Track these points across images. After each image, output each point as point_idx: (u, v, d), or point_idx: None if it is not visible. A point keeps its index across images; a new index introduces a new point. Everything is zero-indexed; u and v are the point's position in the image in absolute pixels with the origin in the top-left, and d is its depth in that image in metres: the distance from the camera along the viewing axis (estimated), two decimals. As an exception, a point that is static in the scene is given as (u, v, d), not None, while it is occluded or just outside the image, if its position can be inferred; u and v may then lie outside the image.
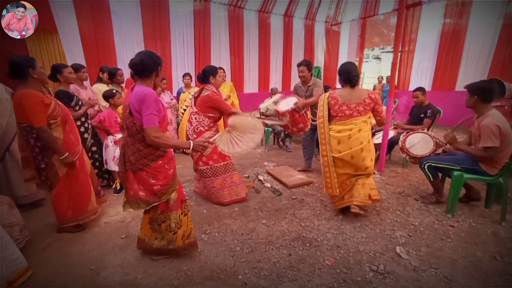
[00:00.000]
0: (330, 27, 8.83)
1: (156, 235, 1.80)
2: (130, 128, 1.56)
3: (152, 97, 1.48)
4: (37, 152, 2.00)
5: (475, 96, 2.20)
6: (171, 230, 1.74)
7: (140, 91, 1.49)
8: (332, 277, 1.70)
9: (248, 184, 3.12)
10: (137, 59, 1.52)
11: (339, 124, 2.22)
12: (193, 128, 2.56)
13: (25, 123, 1.93)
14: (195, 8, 5.98)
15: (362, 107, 2.16)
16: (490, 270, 1.74)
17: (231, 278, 1.70)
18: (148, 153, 1.58)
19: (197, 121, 2.55)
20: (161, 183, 1.63)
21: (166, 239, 1.77)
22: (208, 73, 2.55)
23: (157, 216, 1.73)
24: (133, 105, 1.51)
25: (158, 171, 1.62)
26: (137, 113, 1.51)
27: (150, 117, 1.47)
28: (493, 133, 2.08)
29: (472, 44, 5.96)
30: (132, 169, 1.61)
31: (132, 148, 1.58)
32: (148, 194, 1.62)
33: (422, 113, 3.53)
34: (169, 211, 1.72)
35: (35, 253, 1.95)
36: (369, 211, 2.52)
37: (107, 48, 5.02)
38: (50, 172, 2.05)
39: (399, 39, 3.28)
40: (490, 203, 2.50)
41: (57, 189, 2.09)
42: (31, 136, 1.96)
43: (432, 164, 2.49)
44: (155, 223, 1.75)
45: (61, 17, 4.45)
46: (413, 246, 1.99)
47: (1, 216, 1.80)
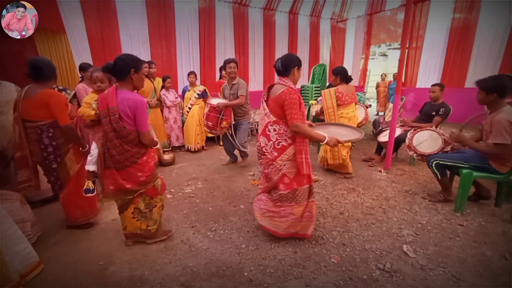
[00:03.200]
0: (336, 24, 8.71)
1: (147, 223, 1.96)
2: (119, 131, 1.67)
3: (144, 105, 1.71)
4: (49, 151, 2.02)
5: (494, 94, 2.12)
6: (163, 208, 2.05)
7: (132, 99, 1.65)
8: (338, 275, 1.69)
9: (254, 182, 3.12)
10: (110, 63, 1.67)
11: (346, 109, 3.19)
12: (273, 144, 1.89)
13: (42, 121, 1.96)
14: (200, 7, 5.98)
15: (354, 96, 3.25)
16: (499, 269, 1.71)
17: (237, 275, 1.71)
18: (135, 152, 1.77)
19: (276, 133, 1.88)
20: (146, 174, 1.84)
21: (161, 216, 2.04)
22: (292, 63, 1.86)
23: (148, 203, 1.93)
24: (124, 110, 1.64)
25: (143, 166, 1.83)
26: (128, 118, 1.67)
27: (146, 122, 1.72)
28: (505, 129, 2.03)
29: (482, 40, 5.80)
30: (116, 166, 1.76)
31: (120, 148, 1.72)
32: (134, 184, 1.82)
33: (434, 110, 3.43)
34: (160, 194, 1.98)
35: (46, 248, 2.00)
36: (375, 209, 2.50)
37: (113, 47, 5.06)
38: (61, 171, 2.08)
39: (406, 35, 3.22)
40: (500, 202, 2.45)
41: (67, 189, 2.13)
42: (46, 135, 1.99)
43: (440, 162, 2.45)
44: (147, 210, 1.94)
45: (69, 18, 4.51)
46: (421, 244, 1.97)
47: (14, 212, 1.85)
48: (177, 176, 3.45)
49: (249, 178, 3.32)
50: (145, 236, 2.00)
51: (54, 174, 2.08)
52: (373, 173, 3.41)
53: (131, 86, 1.72)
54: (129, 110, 1.64)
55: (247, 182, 3.20)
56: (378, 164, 3.68)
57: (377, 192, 2.85)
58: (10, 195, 2.01)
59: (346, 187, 3.00)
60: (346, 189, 2.95)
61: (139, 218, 1.93)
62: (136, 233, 1.98)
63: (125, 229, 1.97)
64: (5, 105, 2.41)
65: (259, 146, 2.00)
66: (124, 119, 1.66)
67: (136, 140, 1.75)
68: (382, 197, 2.73)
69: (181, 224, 2.31)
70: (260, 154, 2.03)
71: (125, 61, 1.65)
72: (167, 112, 4.42)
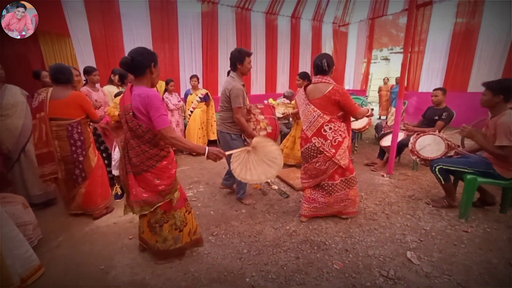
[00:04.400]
0: (338, 28, 8.74)
1: (157, 238, 1.76)
2: (135, 130, 1.52)
3: (157, 98, 1.48)
4: (77, 146, 2.32)
5: (500, 96, 2.11)
6: (176, 228, 1.75)
7: (143, 93, 1.47)
8: (340, 282, 1.67)
9: (255, 186, 3.11)
10: (128, 57, 1.48)
11: None
12: (330, 142, 2.10)
13: (73, 119, 2.27)
14: (203, 10, 6.03)
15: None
16: (505, 277, 1.68)
17: (239, 281, 1.69)
18: (154, 154, 1.58)
19: (332, 131, 2.08)
20: (165, 183, 1.63)
21: (172, 238, 1.76)
22: (332, 63, 2.10)
23: (159, 217, 1.71)
24: (137, 107, 1.48)
25: (163, 172, 1.62)
26: (142, 115, 1.49)
27: (162, 117, 1.47)
28: (510, 131, 2.01)
29: (485, 44, 5.79)
30: (133, 171, 1.60)
31: (137, 149, 1.56)
32: (152, 195, 1.61)
33: (437, 115, 3.41)
34: (173, 210, 1.73)
35: (47, 251, 1.99)
36: (378, 214, 2.47)
37: (117, 50, 5.10)
38: (86, 163, 2.37)
39: (409, 39, 3.22)
40: (506, 208, 2.42)
41: (90, 179, 2.40)
42: (76, 131, 2.29)
43: (443, 167, 2.43)
44: (157, 225, 1.72)
45: (73, 21, 4.55)
46: (425, 251, 1.94)
47: (16, 215, 1.84)
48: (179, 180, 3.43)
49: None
50: (153, 251, 1.83)
51: (80, 166, 2.35)
52: (376, 177, 3.39)
53: (149, 82, 1.57)
54: (141, 106, 1.47)
55: (249, 186, 3.18)
56: (381, 168, 3.66)
57: (380, 197, 2.82)
58: (13, 197, 2.01)
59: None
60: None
61: (151, 230, 1.77)
62: (147, 242, 1.85)
63: (143, 233, 1.85)
64: (10, 108, 2.42)
65: (313, 147, 2.17)
66: (139, 117, 1.50)
67: (155, 141, 1.56)
68: (385, 202, 2.71)
69: (182, 228, 2.30)
70: (314, 154, 2.19)
71: (144, 55, 1.50)
72: (170, 115, 4.43)
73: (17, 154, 2.49)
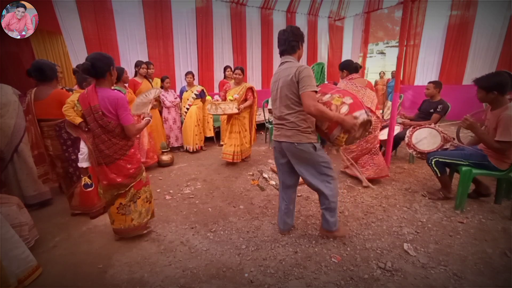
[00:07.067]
0: (333, 23, 8.69)
1: (132, 216, 2.01)
2: (105, 126, 1.77)
3: (124, 100, 1.78)
4: (68, 145, 2.31)
5: (494, 92, 2.11)
6: (147, 201, 2.09)
7: (112, 96, 1.74)
8: (339, 275, 1.68)
9: (253, 182, 3.11)
10: (88, 63, 1.68)
11: None
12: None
13: (59, 119, 2.22)
14: (197, 6, 5.95)
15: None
16: (500, 266, 1.71)
17: (237, 276, 1.70)
18: (123, 145, 1.87)
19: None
20: (135, 166, 1.95)
21: (146, 211, 2.08)
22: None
23: (133, 194, 1.98)
24: (105, 107, 1.73)
25: (132, 158, 1.93)
26: (111, 114, 1.76)
27: (128, 116, 1.78)
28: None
29: (480, 37, 5.81)
30: (105, 162, 1.85)
31: (108, 142, 1.82)
32: (125, 178, 1.90)
33: (432, 108, 3.43)
34: (144, 186, 2.05)
35: (44, 252, 1.98)
36: (375, 207, 2.49)
37: (110, 48, 5.02)
38: None
39: (404, 33, 3.21)
40: (500, 199, 2.45)
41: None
42: (64, 130, 2.26)
43: (439, 160, 2.45)
44: (131, 203, 1.99)
45: (65, 18, 4.46)
46: (421, 243, 1.96)
47: (11, 216, 1.83)
48: (176, 177, 3.43)
49: (248, 178, 3.31)
50: (129, 231, 2.05)
51: (73, 165, 2.33)
52: (373, 171, 3.40)
53: (109, 84, 1.82)
54: (110, 107, 1.74)
55: (246, 182, 3.19)
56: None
57: (376, 191, 2.84)
58: (7, 198, 1.99)
59: (345, 185, 2.99)
60: (346, 187, 2.94)
61: (123, 213, 1.99)
62: (121, 229, 2.03)
63: (113, 224, 2.04)
64: (3, 107, 2.38)
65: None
66: (108, 116, 1.75)
67: (123, 134, 1.84)
68: (382, 196, 2.73)
69: (180, 225, 2.30)
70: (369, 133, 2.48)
71: (103, 61, 1.73)
72: (166, 112, 4.40)
73: (10, 154, 2.46)
